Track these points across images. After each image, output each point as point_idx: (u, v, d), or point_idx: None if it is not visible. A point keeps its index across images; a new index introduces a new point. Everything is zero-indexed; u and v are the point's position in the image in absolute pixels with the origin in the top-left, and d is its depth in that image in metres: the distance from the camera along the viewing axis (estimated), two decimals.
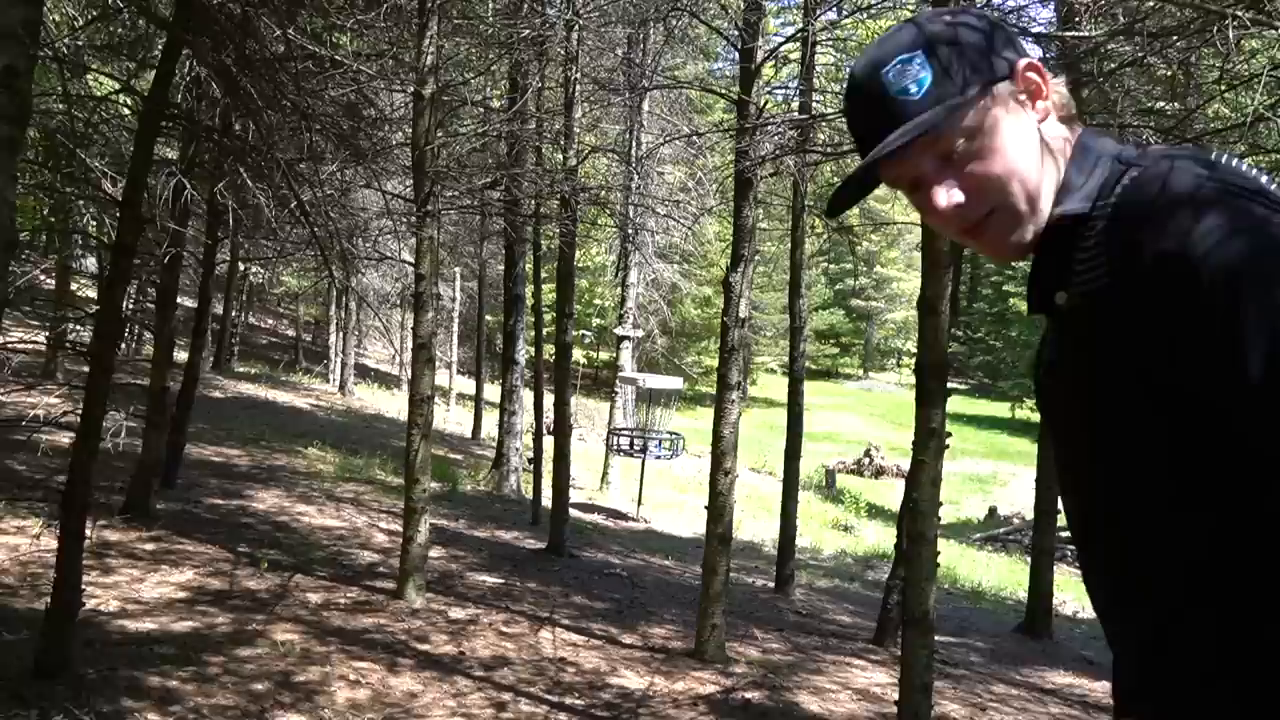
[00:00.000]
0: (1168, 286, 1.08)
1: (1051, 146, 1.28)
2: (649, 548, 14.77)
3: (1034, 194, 1.25)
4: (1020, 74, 1.27)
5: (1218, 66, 6.77)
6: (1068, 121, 1.32)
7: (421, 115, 8.40)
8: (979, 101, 1.23)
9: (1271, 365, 1.01)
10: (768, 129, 8.97)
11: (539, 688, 6.75)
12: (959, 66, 1.24)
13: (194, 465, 12.04)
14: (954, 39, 1.25)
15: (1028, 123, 1.27)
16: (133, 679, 5.75)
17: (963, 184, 1.25)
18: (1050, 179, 1.27)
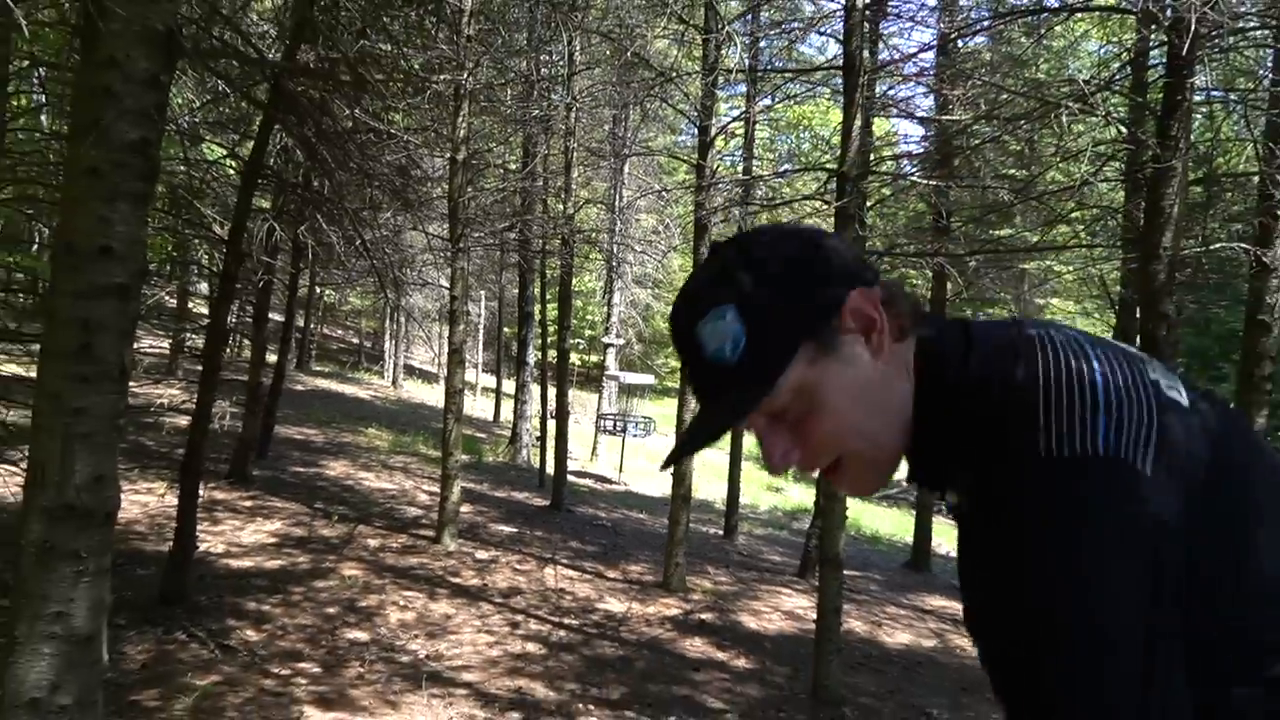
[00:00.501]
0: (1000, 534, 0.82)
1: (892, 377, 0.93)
2: (628, 505, 14.78)
3: (876, 435, 0.93)
4: (849, 310, 0.90)
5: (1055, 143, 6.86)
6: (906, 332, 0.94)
7: (455, 175, 8.40)
8: (801, 359, 0.89)
9: None
10: (719, 187, 9.00)
11: (544, 611, 6.76)
12: (774, 323, 0.89)
13: (281, 442, 11.97)
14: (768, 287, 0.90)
15: (860, 364, 0.91)
16: (235, 604, 5.74)
17: (798, 440, 0.93)
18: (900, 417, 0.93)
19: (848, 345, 0.91)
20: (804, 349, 0.89)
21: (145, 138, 3.03)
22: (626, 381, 24.48)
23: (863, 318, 0.91)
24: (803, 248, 0.93)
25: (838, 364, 0.90)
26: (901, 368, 0.93)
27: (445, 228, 9.36)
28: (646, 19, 9.59)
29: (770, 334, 0.89)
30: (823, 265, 0.92)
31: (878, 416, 0.93)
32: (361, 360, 33.01)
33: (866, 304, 0.91)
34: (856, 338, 0.91)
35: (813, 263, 0.92)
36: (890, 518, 20.94)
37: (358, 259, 10.04)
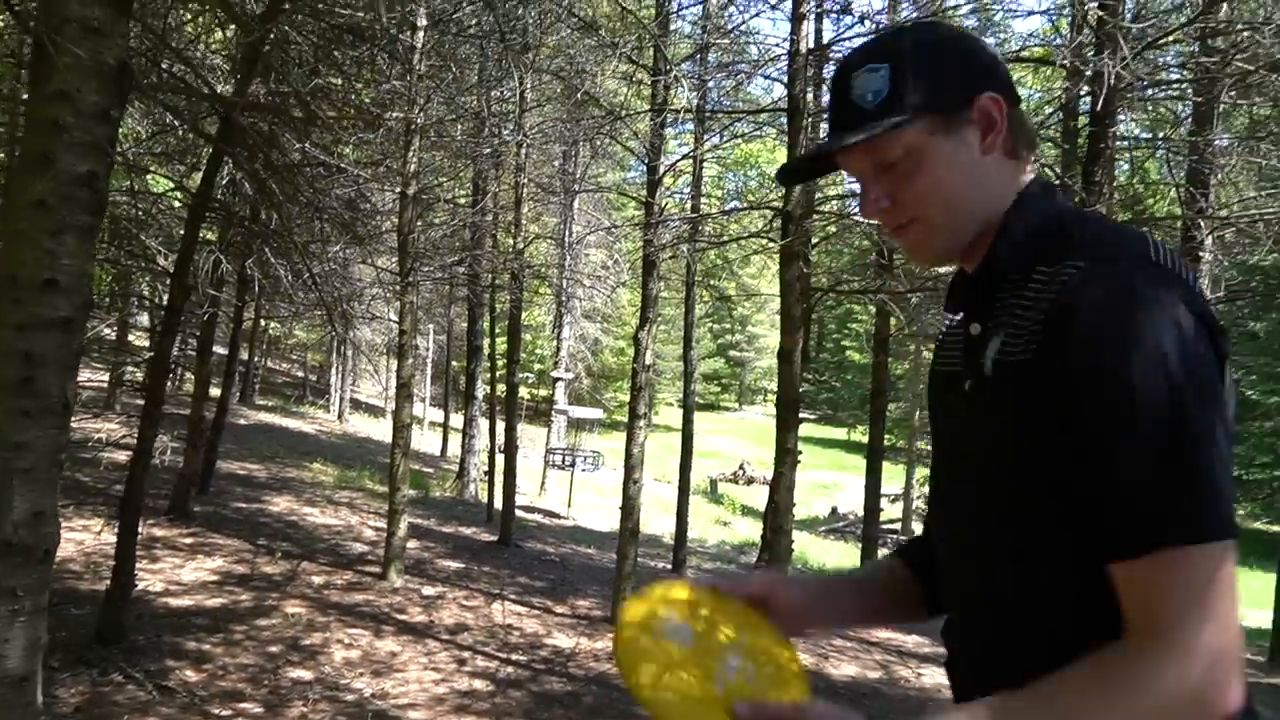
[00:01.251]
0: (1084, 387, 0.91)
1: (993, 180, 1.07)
2: (576, 539, 14.70)
3: (956, 217, 1.08)
4: (978, 106, 1.05)
5: None
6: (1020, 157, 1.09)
7: (405, 209, 8.41)
8: (921, 126, 1.04)
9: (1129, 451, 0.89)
10: (667, 223, 9.13)
11: (492, 647, 6.70)
12: (914, 89, 1.04)
13: (223, 477, 11.73)
14: (922, 60, 1.05)
15: (968, 153, 1.06)
16: (175, 644, 5.60)
17: (892, 192, 1.08)
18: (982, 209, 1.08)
19: (966, 133, 1.06)
20: (930, 119, 1.05)
21: (93, 171, 3.02)
22: (575, 416, 24.46)
23: (986, 117, 1.06)
24: (967, 45, 1.10)
25: (950, 143, 1.05)
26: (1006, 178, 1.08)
27: (395, 261, 9.34)
28: (596, 59, 9.74)
29: (905, 97, 1.04)
30: (974, 63, 1.08)
31: (967, 199, 1.07)
32: (307, 394, 32.50)
33: (994, 108, 1.06)
34: (975, 131, 1.06)
35: (965, 55, 1.08)
36: (837, 551, 21.12)
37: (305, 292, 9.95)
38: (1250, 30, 5.07)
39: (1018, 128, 1.08)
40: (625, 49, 8.05)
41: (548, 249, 19.68)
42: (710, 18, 9.39)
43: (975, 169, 1.07)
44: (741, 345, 63.32)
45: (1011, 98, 1.08)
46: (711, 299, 26.11)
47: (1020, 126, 1.09)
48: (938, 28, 1.12)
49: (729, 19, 9.21)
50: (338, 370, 29.66)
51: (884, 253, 10.56)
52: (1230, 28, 5.34)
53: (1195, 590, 0.87)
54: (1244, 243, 8.14)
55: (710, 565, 14.66)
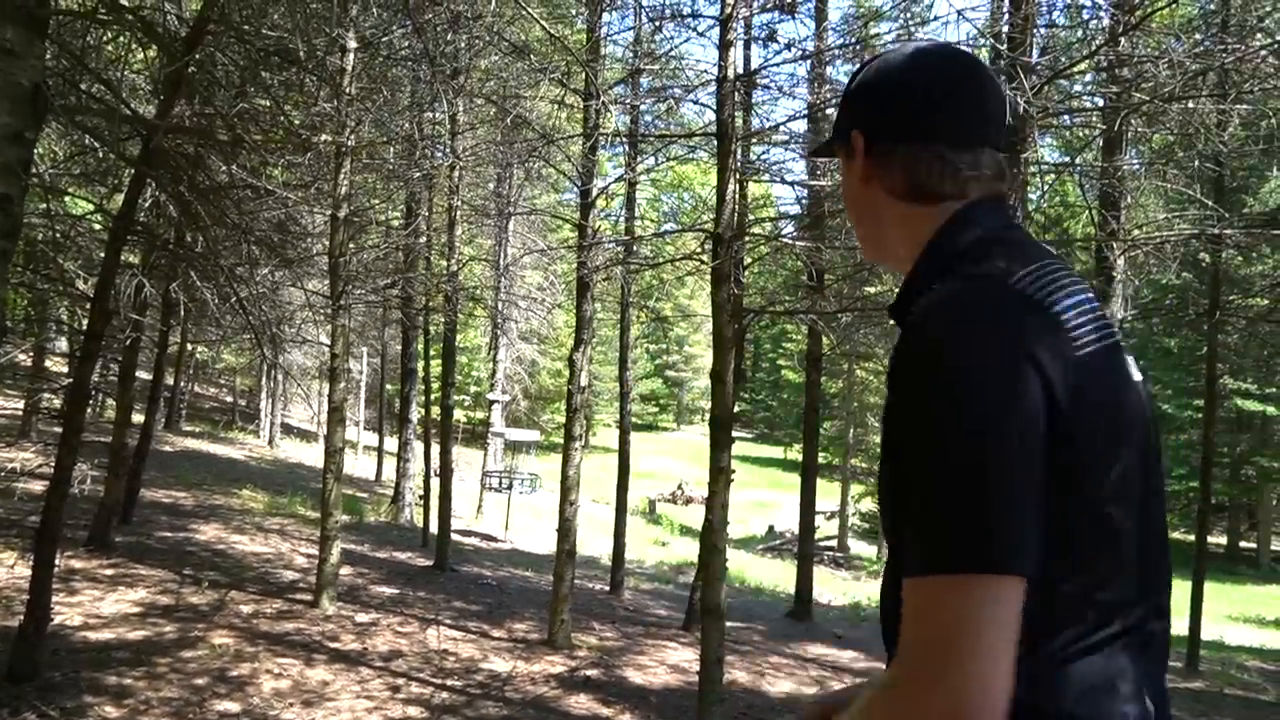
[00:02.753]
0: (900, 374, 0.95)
1: (882, 213, 1.14)
2: (514, 562, 14.59)
3: (861, 230, 1.19)
4: (853, 140, 1.15)
5: None
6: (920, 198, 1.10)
7: (337, 231, 8.32)
8: (840, 150, 1.18)
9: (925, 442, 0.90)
10: (601, 245, 9.18)
11: (427, 673, 6.61)
12: (841, 113, 1.17)
13: (147, 505, 11.38)
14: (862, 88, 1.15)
15: (854, 182, 1.16)
16: (93, 679, 5.41)
17: None
18: (880, 236, 1.16)
19: (854, 164, 1.16)
20: (840, 147, 1.18)
21: (7, 194, 2.95)
22: (512, 438, 24.26)
23: (852, 149, 1.15)
24: (871, 83, 1.15)
25: (848, 170, 1.17)
26: (902, 216, 1.12)
27: (326, 284, 9.23)
28: (529, 83, 9.78)
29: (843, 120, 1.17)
30: (859, 102, 1.16)
31: (863, 222, 1.18)
32: (236, 419, 31.71)
33: (856, 142, 1.14)
34: (851, 164, 1.16)
35: (860, 96, 1.15)
36: (774, 568, 21.28)
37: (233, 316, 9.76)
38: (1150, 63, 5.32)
39: (912, 168, 1.10)
40: (556, 74, 8.11)
41: (483, 271, 19.61)
42: (641, 42, 9.50)
43: (860, 198, 1.16)
44: (678, 365, 63.65)
45: (886, 135, 1.12)
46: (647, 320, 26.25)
47: (916, 167, 1.09)
48: (870, 66, 1.16)
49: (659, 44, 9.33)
50: (268, 395, 29.04)
51: (814, 274, 10.74)
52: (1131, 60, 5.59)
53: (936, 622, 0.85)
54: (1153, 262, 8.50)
55: (648, 586, 14.66)
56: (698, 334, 61.80)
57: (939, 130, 1.09)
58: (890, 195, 1.12)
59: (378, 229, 12.49)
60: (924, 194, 1.10)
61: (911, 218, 1.11)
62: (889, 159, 1.11)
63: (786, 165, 11.48)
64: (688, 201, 26.72)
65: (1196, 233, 6.26)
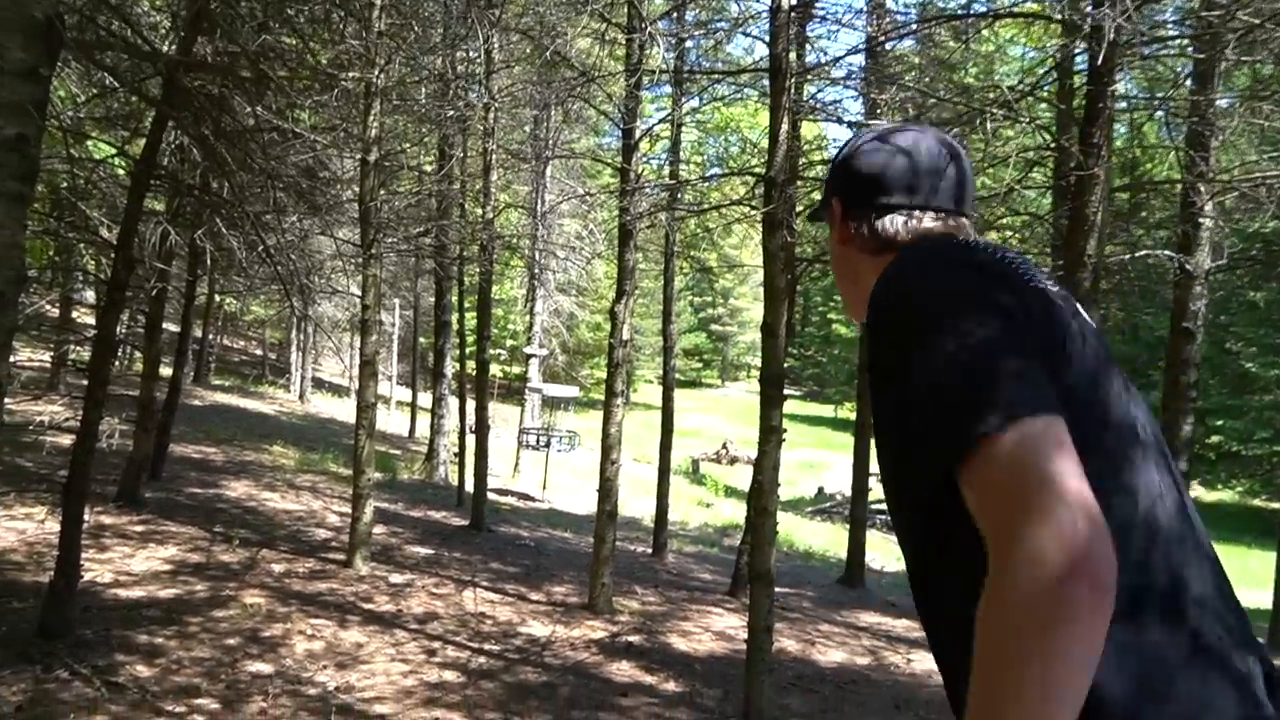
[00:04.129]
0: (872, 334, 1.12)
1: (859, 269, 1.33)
2: (552, 523, 14.72)
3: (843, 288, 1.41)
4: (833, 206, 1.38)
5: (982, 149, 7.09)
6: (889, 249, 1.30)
7: (367, 177, 8.29)
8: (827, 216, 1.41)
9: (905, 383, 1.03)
10: (645, 191, 9.07)
11: (463, 637, 6.69)
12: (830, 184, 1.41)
13: (177, 461, 11.62)
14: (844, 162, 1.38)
15: (836, 242, 1.38)
16: (124, 637, 5.55)
17: None
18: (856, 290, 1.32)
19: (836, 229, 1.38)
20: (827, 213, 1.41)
21: (22, 134, 2.94)
22: (550, 394, 24.40)
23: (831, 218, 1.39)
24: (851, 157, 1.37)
25: (832, 233, 1.39)
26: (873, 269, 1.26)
27: (356, 233, 9.23)
28: (567, 16, 9.62)
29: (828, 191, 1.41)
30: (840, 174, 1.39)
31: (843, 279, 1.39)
32: (265, 373, 32.26)
33: (836, 208, 1.37)
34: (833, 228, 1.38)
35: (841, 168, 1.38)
36: (824, 532, 21.27)
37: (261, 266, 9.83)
38: None
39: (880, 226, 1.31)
40: (597, 5, 7.95)
41: (519, 219, 19.57)
42: None
43: (841, 258, 1.38)
44: (724, 319, 63.42)
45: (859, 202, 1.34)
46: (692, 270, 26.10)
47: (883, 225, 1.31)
48: (852, 144, 1.39)
49: None
50: (298, 348, 29.45)
51: None
52: None
53: (1004, 486, 0.88)
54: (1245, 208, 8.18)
55: (692, 549, 14.73)
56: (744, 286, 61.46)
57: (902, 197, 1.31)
58: (863, 252, 1.33)
59: (409, 174, 12.48)
60: (891, 247, 1.29)
61: (880, 265, 1.25)
62: (862, 222, 1.33)
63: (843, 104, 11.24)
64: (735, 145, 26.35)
65: None
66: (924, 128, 1.39)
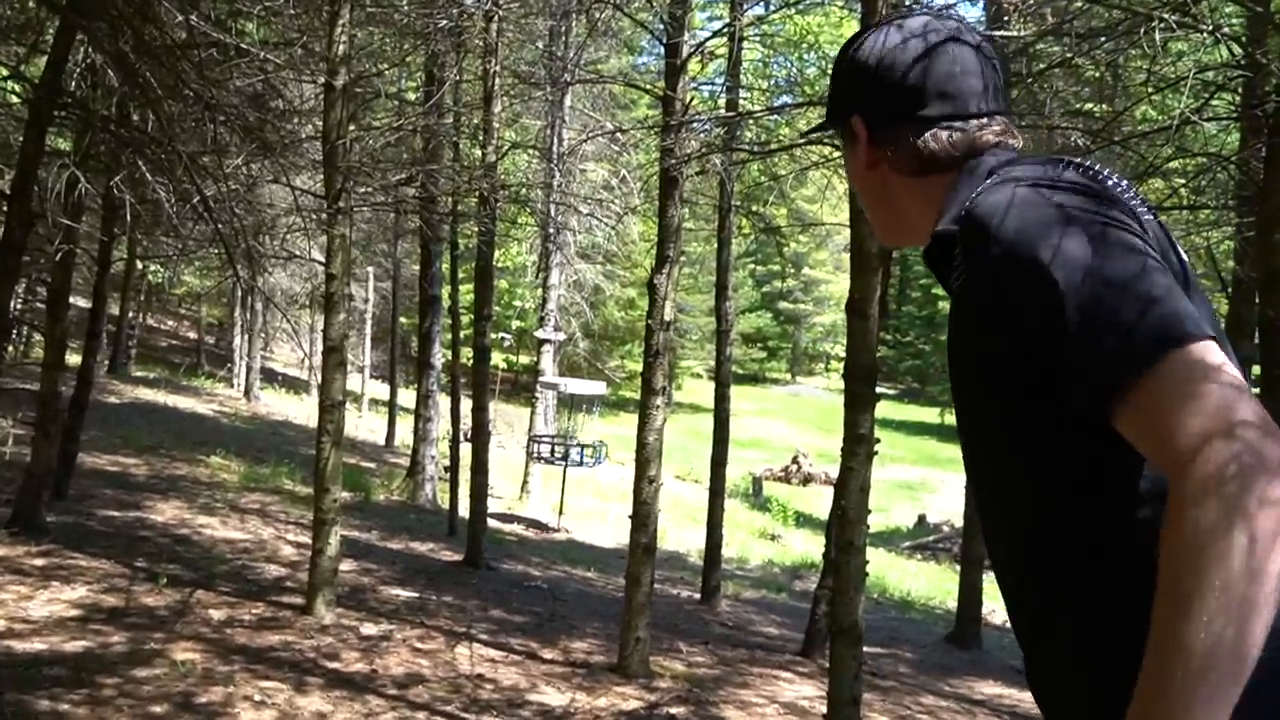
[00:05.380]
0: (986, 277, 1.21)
1: (894, 192, 1.48)
2: (570, 559, 14.75)
3: (878, 216, 1.57)
4: (853, 124, 1.49)
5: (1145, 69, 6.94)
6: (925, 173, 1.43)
7: (333, 107, 8.29)
8: (839, 131, 1.57)
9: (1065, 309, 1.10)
10: (693, 126, 9.02)
11: (455, 706, 6.70)
12: (836, 98, 1.55)
13: (87, 475, 11.76)
14: (855, 71, 1.49)
15: (858, 165, 1.50)
16: (19, 702, 5.59)
17: None
18: (896, 210, 1.51)
19: (856, 147, 1.50)
20: (841, 129, 1.54)
21: None
22: (569, 391, 24.45)
23: (851, 134, 1.50)
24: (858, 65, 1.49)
25: (851, 153, 1.52)
26: (911, 192, 1.46)
27: (319, 180, 9.26)
28: None
29: (842, 101, 1.54)
30: (851, 85, 1.52)
31: (871, 203, 1.56)
32: (202, 362, 32.67)
33: (857, 126, 1.48)
34: (858, 143, 1.49)
35: (851, 78, 1.51)
36: (926, 575, 21.17)
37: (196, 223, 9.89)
38: None
39: (919, 147, 1.42)
40: None
41: (529, 163, 19.59)
42: None
43: (869, 179, 1.50)
44: (795, 295, 63.37)
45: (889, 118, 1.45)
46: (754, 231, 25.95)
47: (925, 145, 1.41)
48: (861, 45, 1.50)
49: None
50: (243, 330, 29.78)
51: None
52: None
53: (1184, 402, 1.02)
54: None
55: (753, 594, 14.70)
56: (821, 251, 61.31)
57: (943, 106, 1.41)
58: (899, 174, 1.44)
59: (388, 104, 12.50)
60: (937, 166, 1.42)
61: (927, 186, 1.43)
62: (896, 141, 1.43)
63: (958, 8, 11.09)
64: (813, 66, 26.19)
65: None
66: (933, 10, 1.50)
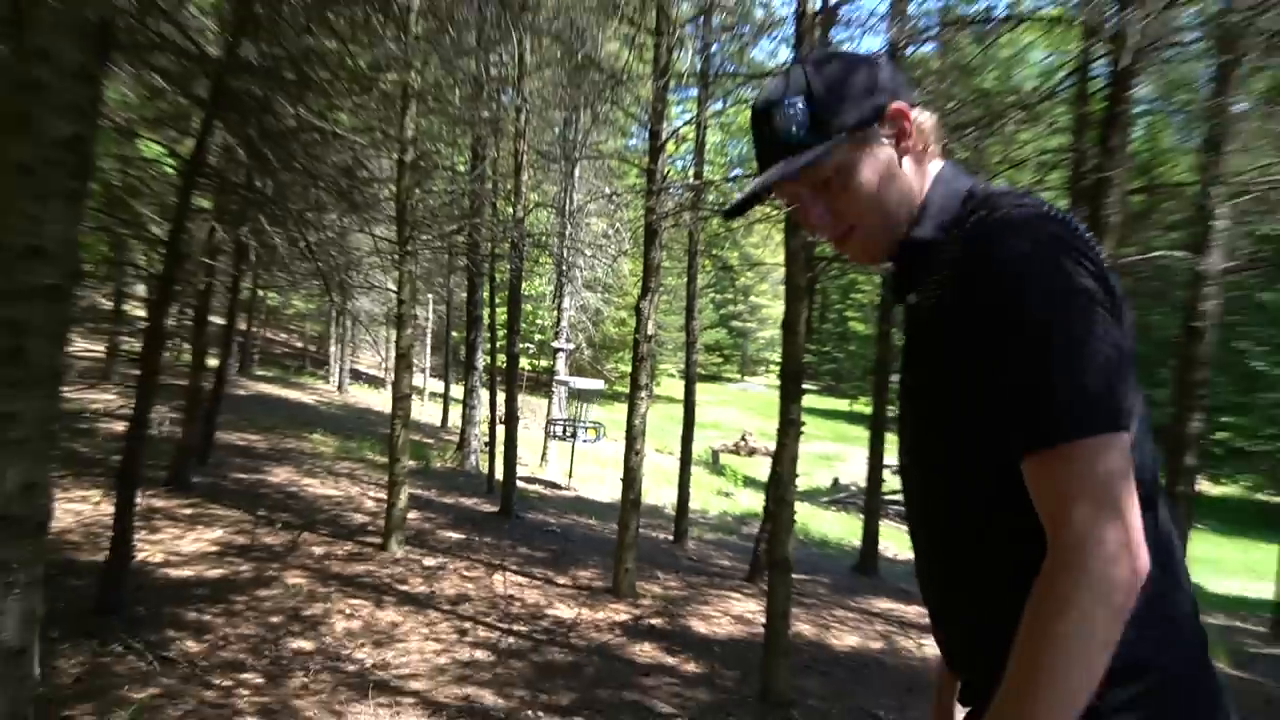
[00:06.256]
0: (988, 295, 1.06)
1: (909, 177, 1.23)
2: (578, 510, 14.73)
3: (888, 218, 1.23)
4: (888, 116, 1.21)
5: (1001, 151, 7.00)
6: (929, 154, 1.26)
7: (403, 176, 8.31)
8: (846, 144, 1.20)
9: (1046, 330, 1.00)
10: (669, 191, 9.02)
11: (493, 618, 6.70)
12: (833, 113, 1.20)
13: (222, 448, 11.72)
14: (834, 86, 1.20)
15: (887, 159, 1.22)
16: (175, 614, 5.60)
17: (831, 207, 1.24)
18: (905, 204, 1.23)
19: (881, 143, 1.22)
20: (851, 136, 1.21)
21: (78, 134, 2.95)
22: (576, 386, 24.41)
23: (898, 126, 1.23)
24: (863, 63, 1.24)
25: (871, 154, 1.22)
26: (918, 172, 1.25)
27: (392, 230, 9.25)
28: (597, 20, 9.58)
29: (825, 123, 1.20)
30: (875, 80, 1.23)
31: (893, 199, 1.23)
32: (306, 364, 32.49)
33: (901, 116, 1.23)
34: (889, 138, 1.23)
35: (867, 76, 1.23)
36: (839, 522, 21.17)
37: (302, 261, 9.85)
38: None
39: (924, 127, 1.25)
40: (626, 9, 7.91)
41: (548, 217, 19.53)
42: None
43: (895, 172, 1.24)
44: (744, 315, 63.17)
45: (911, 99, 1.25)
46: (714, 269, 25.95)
47: (926, 125, 1.25)
48: (835, 57, 1.26)
49: None
50: (337, 340, 29.62)
51: None
52: None
53: (1092, 481, 0.97)
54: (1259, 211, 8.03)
55: (712, 536, 14.69)
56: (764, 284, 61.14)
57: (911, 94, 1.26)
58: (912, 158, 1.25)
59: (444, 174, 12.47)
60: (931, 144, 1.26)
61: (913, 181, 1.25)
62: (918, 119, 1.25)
63: None
64: None
65: None
66: None
